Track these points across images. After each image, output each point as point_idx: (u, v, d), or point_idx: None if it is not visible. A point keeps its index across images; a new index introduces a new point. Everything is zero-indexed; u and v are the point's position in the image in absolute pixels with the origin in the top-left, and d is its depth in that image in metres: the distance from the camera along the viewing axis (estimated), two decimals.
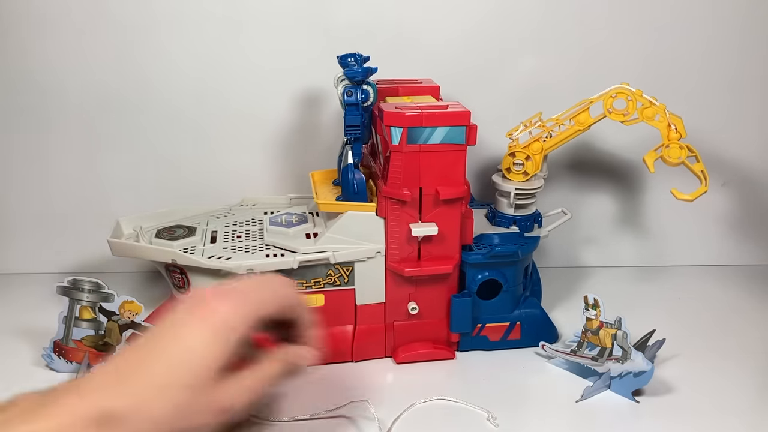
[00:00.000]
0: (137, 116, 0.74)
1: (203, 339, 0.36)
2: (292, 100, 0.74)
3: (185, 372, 0.36)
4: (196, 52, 0.72)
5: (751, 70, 0.75)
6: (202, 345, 0.36)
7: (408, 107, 0.57)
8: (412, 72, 0.70)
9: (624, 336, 0.56)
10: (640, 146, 0.65)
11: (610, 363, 0.57)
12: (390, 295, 0.62)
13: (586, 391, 0.56)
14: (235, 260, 0.58)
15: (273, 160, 0.77)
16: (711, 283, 0.79)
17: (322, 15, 0.72)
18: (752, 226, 0.82)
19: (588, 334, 0.59)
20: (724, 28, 0.74)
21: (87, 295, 0.57)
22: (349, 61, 0.59)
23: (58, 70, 0.72)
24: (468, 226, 0.61)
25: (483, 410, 0.54)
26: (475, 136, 0.57)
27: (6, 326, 0.66)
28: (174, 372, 0.36)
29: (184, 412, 0.35)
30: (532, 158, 0.64)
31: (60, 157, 0.75)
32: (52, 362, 0.59)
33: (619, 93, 0.62)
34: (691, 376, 0.59)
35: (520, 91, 0.75)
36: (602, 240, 0.82)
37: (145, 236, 0.63)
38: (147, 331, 0.42)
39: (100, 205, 0.76)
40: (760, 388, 0.58)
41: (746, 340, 0.65)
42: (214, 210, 0.70)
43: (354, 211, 0.60)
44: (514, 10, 0.72)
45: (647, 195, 0.80)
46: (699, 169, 0.62)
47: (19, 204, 0.77)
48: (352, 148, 0.61)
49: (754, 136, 0.78)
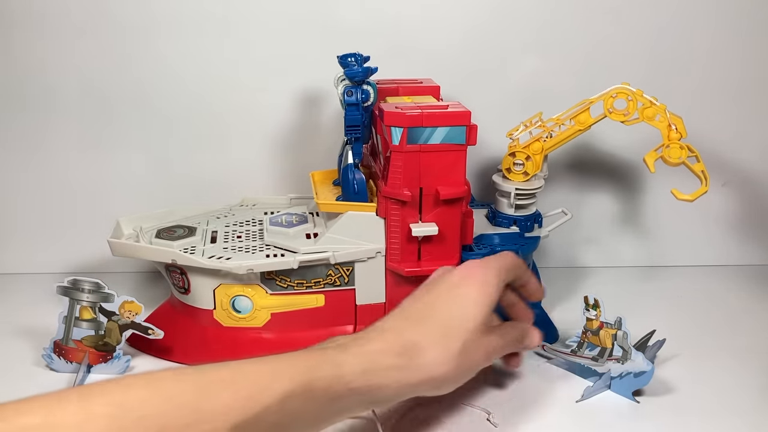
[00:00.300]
0: (137, 116, 0.74)
1: (474, 298, 0.47)
2: (292, 100, 0.74)
3: (465, 320, 0.46)
4: (196, 51, 0.72)
5: (752, 70, 0.75)
6: (474, 302, 0.47)
7: (408, 107, 0.57)
8: (412, 72, 0.70)
9: (624, 336, 0.56)
10: (641, 146, 0.65)
11: (611, 363, 0.57)
12: (390, 295, 0.62)
13: (587, 391, 0.56)
14: (236, 260, 0.58)
15: (273, 160, 0.77)
16: (711, 283, 0.78)
17: (322, 15, 0.72)
18: (753, 226, 0.82)
19: (588, 335, 0.59)
20: (725, 28, 0.74)
21: (87, 295, 0.57)
22: (350, 61, 0.59)
23: (57, 69, 0.72)
24: (468, 226, 0.61)
25: (483, 410, 0.54)
26: (475, 136, 0.57)
27: (6, 326, 0.66)
28: (457, 319, 0.46)
29: (468, 349, 0.45)
30: (533, 158, 0.64)
31: (60, 157, 0.75)
32: (52, 362, 0.59)
33: (619, 93, 0.62)
34: (691, 376, 0.58)
35: (520, 91, 0.75)
36: (602, 240, 0.82)
37: (145, 236, 0.63)
38: (423, 290, 0.50)
39: (100, 205, 0.76)
40: (761, 388, 0.58)
41: (747, 340, 0.65)
42: (214, 210, 0.70)
43: (354, 211, 0.60)
44: (514, 10, 0.72)
45: (647, 195, 0.80)
46: (699, 169, 0.62)
47: (19, 204, 0.77)
48: (352, 148, 0.61)
49: (754, 136, 0.78)
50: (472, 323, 0.46)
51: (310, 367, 0.39)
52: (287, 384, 0.38)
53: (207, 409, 0.35)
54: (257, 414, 0.36)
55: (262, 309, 0.61)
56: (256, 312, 0.61)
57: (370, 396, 0.42)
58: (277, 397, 0.37)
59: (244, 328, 0.61)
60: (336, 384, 0.40)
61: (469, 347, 0.46)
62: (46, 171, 0.76)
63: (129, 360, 0.59)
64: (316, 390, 0.39)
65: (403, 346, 0.43)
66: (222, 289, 0.60)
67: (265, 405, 0.36)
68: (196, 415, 0.34)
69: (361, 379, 0.41)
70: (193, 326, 0.62)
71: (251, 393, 0.36)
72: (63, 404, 0.32)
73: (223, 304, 0.60)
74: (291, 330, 0.61)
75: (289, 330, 0.61)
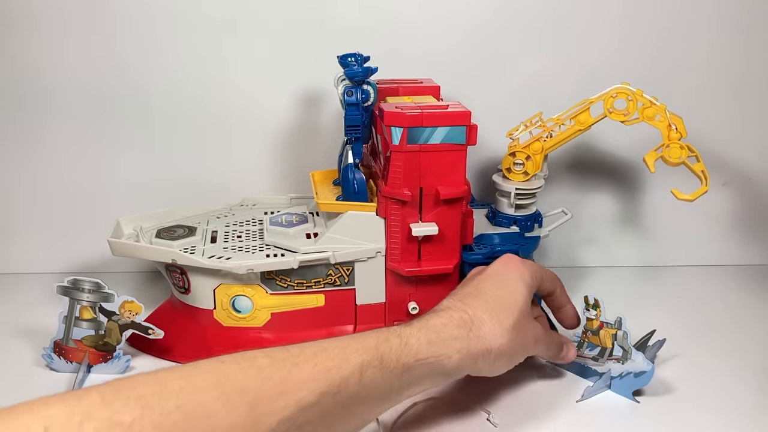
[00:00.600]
0: (137, 116, 0.74)
1: (519, 286, 0.52)
2: (292, 100, 0.74)
3: (514, 299, 0.50)
4: (195, 51, 0.72)
5: (752, 70, 0.75)
6: (520, 289, 0.51)
7: (408, 107, 0.57)
8: (412, 72, 0.70)
9: (624, 336, 0.56)
10: (640, 146, 0.65)
11: (611, 363, 0.57)
12: (390, 295, 0.62)
13: (587, 391, 0.56)
14: (236, 260, 0.58)
15: (273, 160, 0.77)
16: (711, 283, 0.78)
17: (322, 14, 0.72)
18: (752, 226, 0.82)
19: (588, 334, 0.59)
20: (726, 29, 0.74)
21: (87, 295, 0.57)
22: (350, 61, 0.59)
23: (57, 69, 0.72)
24: (468, 225, 0.61)
25: (483, 410, 0.54)
26: (475, 136, 0.57)
27: (6, 326, 0.66)
28: (506, 298, 0.50)
29: (519, 327, 0.49)
30: (533, 158, 0.64)
31: (60, 157, 0.75)
32: (52, 362, 0.59)
33: (619, 93, 0.62)
34: (691, 376, 0.58)
35: (520, 91, 0.75)
36: (602, 240, 0.82)
37: (145, 236, 0.63)
38: (467, 280, 0.54)
39: (100, 205, 0.76)
40: (761, 388, 0.58)
41: (747, 340, 0.65)
42: (214, 210, 0.70)
43: (354, 211, 0.60)
44: (514, 10, 0.72)
45: (647, 195, 0.80)
46: (699, 169, 0.62)
47: (19, 204, 0.77)
48: (352, 148, 0.61)
49: (754, 136, 0.78)
50: (520, 301, 0.51)
51: (380, 341, 0.43)
52: (362, 356, 0.41)
53: (295, 379, 0.38)
54: (338, 384, 0.40)
55: (262, 309, 0.61)
56: (256, 312, 0.61)
57: (436, 366, 0.45)
58: (355, 368, 0.41)
59: (244, 328, 0.61)
60: (405, 355, 0.43)
61: (520, 326, 0.50)
62: (46, 171, 0.76)
63: (129, 360, 0.59)
64: (387, 361, 0.42)
65: (461, 319, 0.47)
66: (222, 288, 0.60)
67: (345, 376, 0.40)
68: (286, 385, 0.38)
69: (427, 350, 0.45)
70: (193, 326, 0.62)
71: (331, 365, 0.40)
72: (173, 372, 0.36)
73: (223, 303, 0.60)
74: (291, 330, 0.61)
75: (289, 330, 0.61)
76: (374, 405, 0.43)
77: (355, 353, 0.41)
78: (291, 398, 0.38)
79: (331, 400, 0.39)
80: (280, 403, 0.37)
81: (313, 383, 0.39)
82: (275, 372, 0.38)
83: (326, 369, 0.40)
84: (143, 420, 0.32)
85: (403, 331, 0.45)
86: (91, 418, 0.31)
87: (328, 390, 0.39)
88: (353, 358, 0.41)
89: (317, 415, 0.39)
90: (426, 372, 0.45)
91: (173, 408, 0.34)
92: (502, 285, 0.52)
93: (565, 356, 0.56)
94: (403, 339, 0.44)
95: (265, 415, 0.36)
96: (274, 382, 0.38)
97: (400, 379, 0.44)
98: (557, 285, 0.58)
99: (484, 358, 0.48)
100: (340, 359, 0.41)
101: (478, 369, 0.49)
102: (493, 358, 0.48)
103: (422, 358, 0.44)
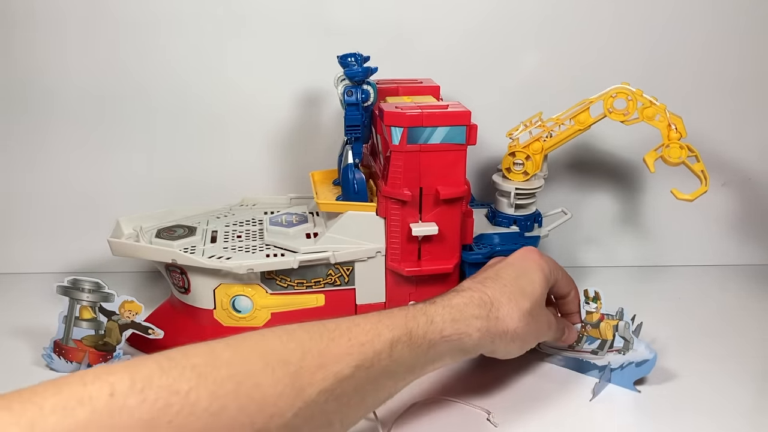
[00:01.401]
0: (137, 116, 0.74)
1: (537, 276, 0.54)
2: (292, 100, 0.74)
3: (531, 287, 0.53)
4: (196, 51, 0.72)
5: (751, 70, 0.75)
6: (537, 279, 0.54)
7: (408, 107, 0.57)
8: (412, 72, 0.70)
9: (627, 326, 0.56)
10: (640, 146, 0.65)
11: (611, 355, 0.57)
12: (390, 295, 0.62)
13: (597, 388, 0.56)
14: (236, 260, 0.58)
15: (273, 160, 0.77)
16: (711, 283, 0.78)
17: (322, 15, 0.72)
18: (752, 226, 0.82)
19: (588, 328, 0.59)
20: (726, 28, 0.74)
21: (87, 295, 0.57)
22: (350, 61, 0.59)
23: (57, 69, 0.72)
24: (468, 225, 0.61)
25: (483, 410, 0.54)
26: (475, 135, 0.57)
27: (6, 326, 0.66)
28: (524, 285, 0.53)
29: (535, 313, 0.52)
30: (533, 158, 0.64)
31: (60, 157, 0.75)
32: (52, 362, 0.59)
33: (619, 93, 0.62)
34: (691, 376, 0.58)
35: (520, 91, 0.75)
36: (602, 240, 0.82)
37: (145, 236, 0.63)
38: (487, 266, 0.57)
39: (100, 205, 0.76)
40: (761, 388, 0.58)
41: (747, 340, 0.65)
42: (214, 210, 0.70)
43: (354, 211, 0.60)
44: (514, 10, 0.72)
45: (647, 195, 0.80)
46: (699, 169, 0.62)
47: (20, 204, 0.77)
48: (352, 147, 0.61)
49: (754, 136, 0.78)
50: (537, 291, 0.53)
51: (408, 318, 0.46)
52: (393, 331, 0.44)
53: (333, 353, 0.40)
54: (371, 358, 0.42)
55: (262, 309, 0.61)
56: (256, 312, 0.61)
57: (458, 344, 0.48)
58: (386, 343, 0.43)
59: (245, 328, 0.61)
60: (431, 332, 0.46)
61: (535, 311, 0.52)
62: (47, 171, 0.76)
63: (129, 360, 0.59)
64: (415, 337, 0.45)
65: (481, 299, 0.50)
66: (222, 288, 0.60)
67: (377, 350, 0.42)
68: (324, 358, 0.40)
69: (451, 327, 0.47)
70: (193, 326, 0.62)
71: (365, 340, 0.42)
72: (220, 343, 0.38)
73: (223, 303, 0.60)
74: None
75: None
76: (400, 379, 0.45)
77: (387, 329, 0.43)
78: (329, 370, 0.39)
79: (364, 373, 0.41)
80: (320, 375, 0.39)
81: (348, 357, 0.41)
82: (314, 346, 0.40)
83: (360, 343, 0.42)
84: (199, 389, 0.34)
85: (429, 309, 0.47)
86: (152, 385, 0.33)
87: (362, 363, 0.41)
88: (385, 333, 0.43)
89: (352, 387, 0.41)
90: (448, 348, 0.47)
91: (226, 377, 0.35)
92: (521, 273, 0.54)
93: (566, 339, 0.59)
94: (429, 317, 0.46)
95: (306, 386, 0.38)
96: (313, 355, 0.39)
97: (426, 355, 0.46)
98: (572, 288, 0.60)
99: (501, 338, 0.50)
100: (373, 334, 0.43)
101: (495, 349, 0.51)
102: (509, 339, 0.50)
103: (446, 335, 0.47)
